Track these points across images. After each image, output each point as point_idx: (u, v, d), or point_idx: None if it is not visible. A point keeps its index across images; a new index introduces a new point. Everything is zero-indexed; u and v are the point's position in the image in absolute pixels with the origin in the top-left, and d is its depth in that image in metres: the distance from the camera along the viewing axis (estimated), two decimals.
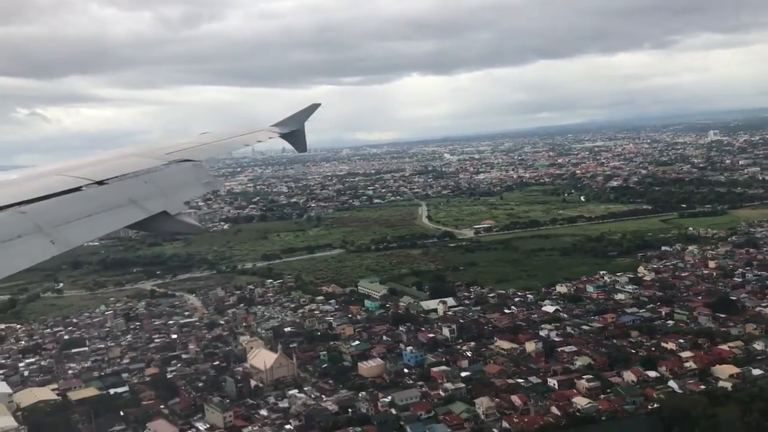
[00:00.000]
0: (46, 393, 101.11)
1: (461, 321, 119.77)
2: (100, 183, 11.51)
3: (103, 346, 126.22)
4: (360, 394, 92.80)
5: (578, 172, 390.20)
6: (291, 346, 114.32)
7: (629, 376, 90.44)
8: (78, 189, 10.93)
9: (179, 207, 12.29)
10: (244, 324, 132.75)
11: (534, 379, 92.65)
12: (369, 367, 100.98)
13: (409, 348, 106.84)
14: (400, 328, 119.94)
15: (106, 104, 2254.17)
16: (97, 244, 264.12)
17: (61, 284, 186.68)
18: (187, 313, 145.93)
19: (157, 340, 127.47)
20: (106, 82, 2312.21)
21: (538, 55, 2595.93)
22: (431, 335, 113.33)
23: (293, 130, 24.01)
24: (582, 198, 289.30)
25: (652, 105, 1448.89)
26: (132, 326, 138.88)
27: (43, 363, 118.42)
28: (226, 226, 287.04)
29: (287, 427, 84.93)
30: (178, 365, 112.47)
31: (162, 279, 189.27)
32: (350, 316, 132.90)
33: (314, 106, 25.46)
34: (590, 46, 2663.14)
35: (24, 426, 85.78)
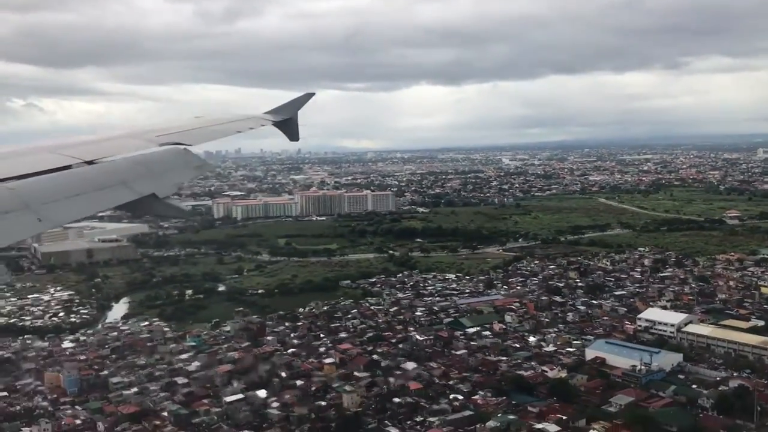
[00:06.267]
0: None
1: None
2: (90, 163, 11.40)
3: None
4: None
5: (695, 177, 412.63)
6: None
7: None
8: (68, 167, 10.82)
9: (169, 190, 12.25)
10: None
11: None
12: None
13: None
14: None
15: (101, 98, 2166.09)
16: (323, 219, 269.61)
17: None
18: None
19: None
20: (111, 75, 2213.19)
21: (551, 70, 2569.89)
22: None
23: (286, 119, 23.86)
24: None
25: (639, 126, 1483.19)
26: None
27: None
28: (424, 209, 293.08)
29: None
30: None
31: (494, 246, 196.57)
32: None
33: (308, 96, 25.42)
34: (605, 64, 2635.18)
35: None
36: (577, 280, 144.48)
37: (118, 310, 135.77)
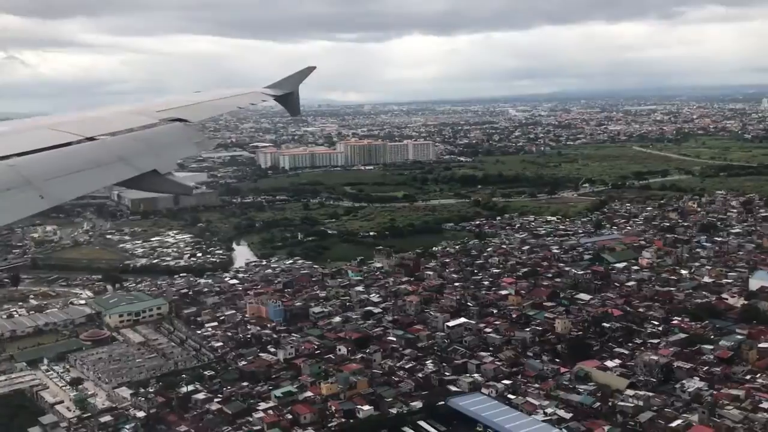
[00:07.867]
0: None
1: None
2: (91, 139, 11.39)
3: None
4: None
5: (713, 127, 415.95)
6: None
7: None
8: (68, 144, 10.80)
9: (169, 166, 12.20)
10: None
11: None
12: None
13: None
14: None
15: (86, 50, 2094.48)
16: (371, 168, 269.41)
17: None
18: None
19: None
20: (98, 26, 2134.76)
21: (545, 20, 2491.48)
22: None
23: (287, 93, 23.79)
24: None
25: (630, 77, 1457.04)
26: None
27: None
28: (466, 159, 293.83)
29: None
30: None
31: (567, 191, 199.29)
32: None
33: (309, 69, 25.40)
34: (599, 13, 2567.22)
35: None
36: (680, 221, 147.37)
37: (240, 251, 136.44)
